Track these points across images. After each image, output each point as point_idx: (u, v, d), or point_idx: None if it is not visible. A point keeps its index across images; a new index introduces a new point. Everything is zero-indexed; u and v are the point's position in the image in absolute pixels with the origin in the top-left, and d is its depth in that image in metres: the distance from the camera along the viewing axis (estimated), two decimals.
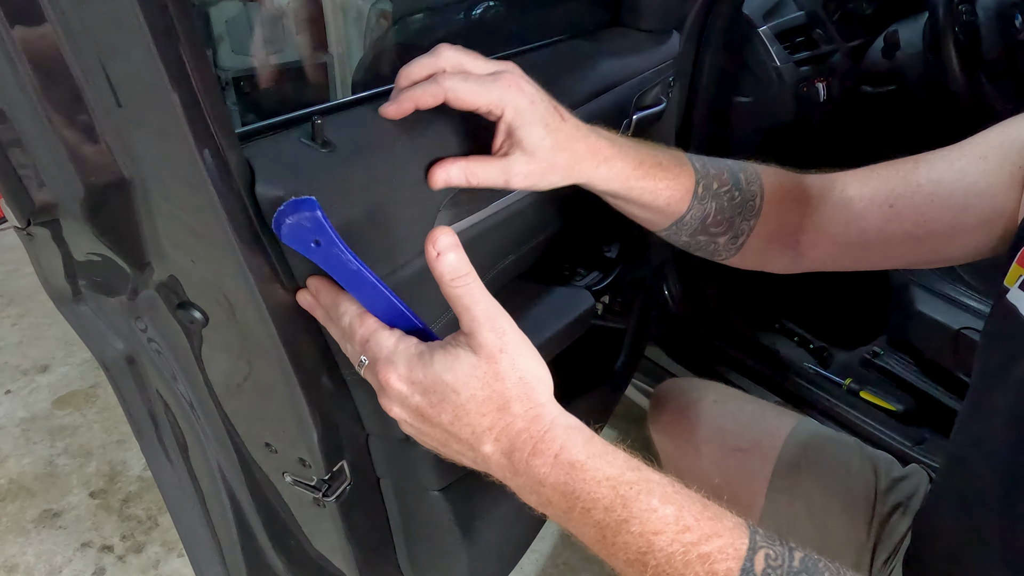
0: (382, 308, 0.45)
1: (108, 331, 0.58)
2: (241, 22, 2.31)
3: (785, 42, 1.20)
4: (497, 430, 0.42)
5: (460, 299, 0.42)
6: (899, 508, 0.74)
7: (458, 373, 0.42)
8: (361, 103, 0.58)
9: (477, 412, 0.42)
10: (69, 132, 0.41)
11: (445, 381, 0.42)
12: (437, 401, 0.42)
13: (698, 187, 0.63)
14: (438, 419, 0.43)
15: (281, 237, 0.42)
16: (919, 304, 1.23)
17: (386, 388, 0.43)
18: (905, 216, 0.61)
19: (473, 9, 0.98)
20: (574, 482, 0.40)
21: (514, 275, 0.78)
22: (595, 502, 0.40)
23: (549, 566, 1.38)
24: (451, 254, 0.42)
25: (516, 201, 0.65)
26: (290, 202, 0.42)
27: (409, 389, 0.43)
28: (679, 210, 0.63)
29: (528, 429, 0.42)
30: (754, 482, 0.81)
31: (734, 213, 0.65)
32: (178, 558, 1.37)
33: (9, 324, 2.04)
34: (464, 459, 0.45)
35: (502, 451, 0.42)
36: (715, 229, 0.65)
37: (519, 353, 0.43)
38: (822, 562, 0.39)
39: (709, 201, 0.64)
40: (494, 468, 0.43)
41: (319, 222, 0.41)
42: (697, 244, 0.68)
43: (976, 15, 1.25)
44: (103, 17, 0.37)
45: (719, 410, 0.89)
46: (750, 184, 0.65)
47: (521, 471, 0.42)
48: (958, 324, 1.18)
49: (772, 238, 0.67)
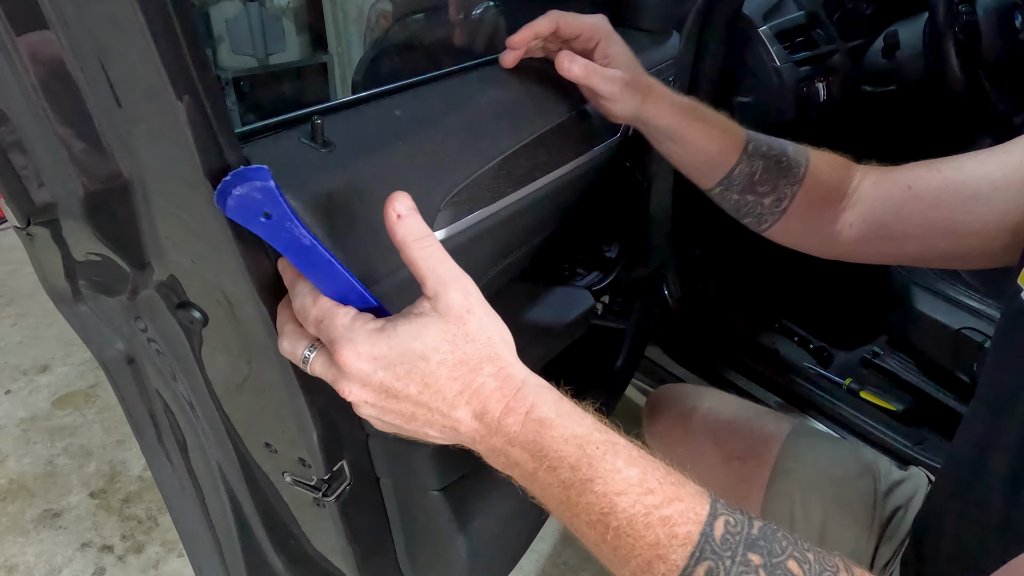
0: (336, 288, 0.42)
1: (108, 331, 0.58)
2: (241, 22, 2.31)
3: (785, 42, 1.20)
4: (469, 392, 0.41)
5: (425, 260, 0.41)
6: (899, 511, 0.74)
7: (426, 339, 0.40)
8: (361, 103, 0.58)
9: (448, 377, 0.41)
10: (69, 132, 0.41)
11: (412, 349, 0.40)
12: (404, 373, 0.40)
13: (748, 145, 0.69)
14: (405, 392, 0.41)
15: (226, 210, 0.39)
16: (919, 304, 1.23)
17: (345, 369, 0.41)
18: (921, 197, 0.63)
19: (473, 9, 0.98)
20: (542, 439, 0.40)
21: (514, 275, 0.78)
22: (561, 460, 0.40)
23: (549, 566, 1.38)
24: (413, 216, 0.41)
25: (516, 201, 0.65)
26: (238, 171, 0.39)
27: (371, 366, 0.41)
28: (729, 161, 0.69)
29: (501, 388, 0.41)
30: (751, 489, 0.81)
31: (779, 176, 0.69)
32: (178, 558, 1.37)
33: (9, 324, 2.04)
34: (430, 430, 0.43)
35: (474, 413, 0.41)
36: (761, 188, 0.69)
37: (486, 312, 0.42)
38: (780, 531, 0.39)
39: (758, 160, 0.69)
40: (464, 432, 0.42)
41: (271, 192, 0.38)
42: (745, 205, 0.72)
43: (976, 15, 1.25)
44: (103, 17, 0.37)
45: (714, 417, 0.88)
46: (797, 154, 0.70)
47: (493, 431, 0.41)
48: (958, 324, 1.18)
49: (813, 206, 0.69)
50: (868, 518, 0.75)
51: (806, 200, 0.69)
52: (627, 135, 0.83)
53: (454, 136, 0.59)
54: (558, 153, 0.69)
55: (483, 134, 0.61)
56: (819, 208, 0.70)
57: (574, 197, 0.81)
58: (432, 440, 0.44)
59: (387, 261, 0.53)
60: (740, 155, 0.69)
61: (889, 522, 0.74)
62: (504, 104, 0.66)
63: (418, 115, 0.59)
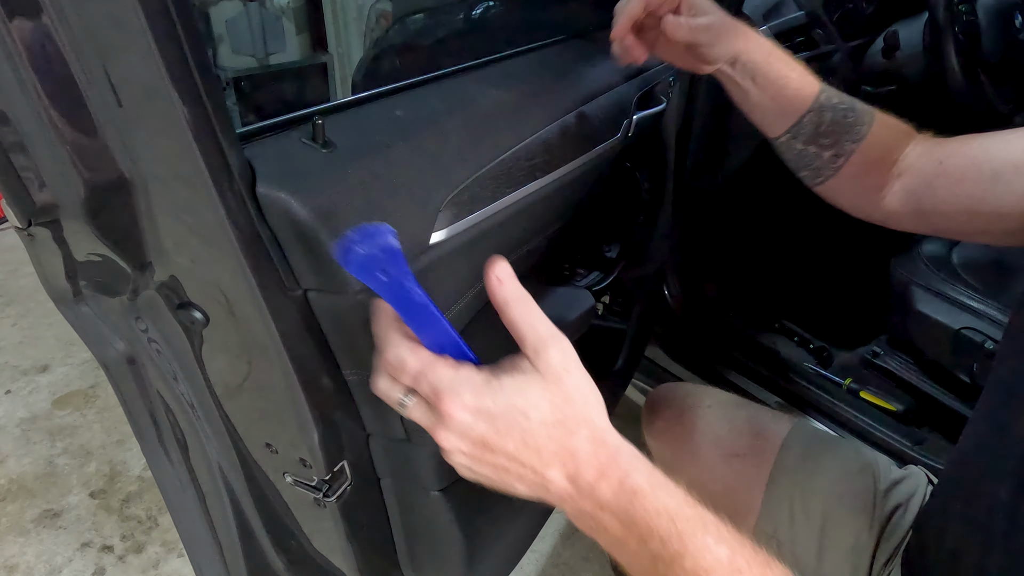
0: (437, 341, 0.43)
1: (108, 331, 0.58)
2: (241, 22, 2.31)
3: (785, 42, 1.20)
4: (564, 454, 0.41)
5: (525, 319, 0.42)
6: (899, 509, 0.74)
7: (529, 396, 0.41)
8: (361, 103, 0.58)
9: (546, 436, 0.41)
10: (70, 133, 0.41)
11: (515, 405, 0.41)
12: (504, 427, 0.41)
13: (821, 94, 0.71)
14: (502, 446, 0.41)
15: (345, 264, 0.40)
16: (919, 304, 1.23)
17: (448, 419, 0.41)
18: (949, 172, 0.64)
19: (473, 9, 0.98)
20: (634, 509, 0.40)
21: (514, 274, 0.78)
22: (652, 532, 0.40)
23: (549, 566, 1.38)
24: (511, 281, 0.43)
25: (516, 201, 0.65)
26: (362, 228, 0.40)
27: (474, 418, 0.41)
28: (802, 107, 0.71)
29: (595, 453, 0.41)
30: (751, 487, 0.81)
31: (842, 131, 0.71)
32: (178, 558, 1.37)
33: (9, 324, 2.04)
34: (520, 485, 0.43)
35: (567, 475, 0.42)
36: (824, 140, 0.71)
37: (582, 373, 0.43)
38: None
39: (827, 111, 0.71)
40: (553, 491, 0.42)
41: (395, 253, 0.40)
42: (806, 156, 0.73)
43: (976, 15, 1.25)
44: (103, 17, 0.37)
45: (714, 415, 0.88)
46: (862, 113, 0.71)
47: (584, 494, 0.41)
48: (958, 324, 1.18)
49: (866, 167, 0.71)
50: (868, 516, 0.75)
51: (860, 161, 0.71)
52: (627, 135, 0.83)
53: (454, 136, 0.59)
54: (558, 153, 0.69)
55: (483, 134, 0.61)
56: (870, 171, 0.71)
57: (574, 197, 0.81)
58: (518, 494, 0.44)
59: None
60: (812, 102, 0.70)
61: (889, 520, 0.74)
62: (504, 104, 0.66)
63: (418, 115, 0.59)
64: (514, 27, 1.00)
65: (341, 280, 0.49)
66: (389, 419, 0.60)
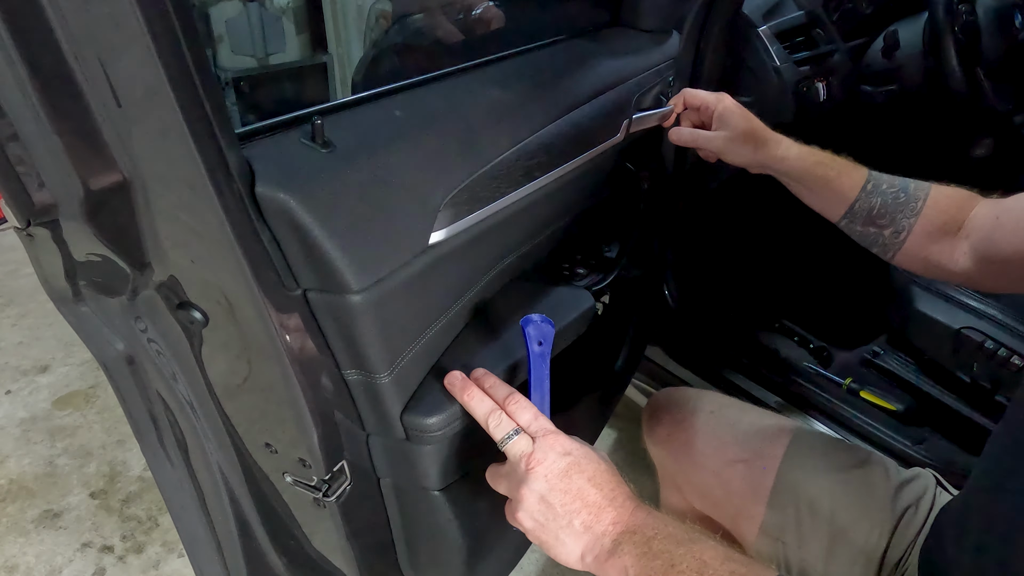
0: (540, 400, 0.61)
1: (108, 332, 0.58)
2: (241, 22, 2.30)
3: (785, 42, 1.20)
4: (620, 497, 0.54)
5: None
6: (910, 509, 0.74)
7: (598, 465, 0.55)
8: (361, 103, 0.58)
9: (605, 480, 0.54)
10: (69, 133, 0.41)
11: (591, 457, 0.55)
12: (584, 459, 0.55)
13: (868, 184, 0.77)
14: (579, 476, 0.54)
15: (525, 330, 0.62)
16: (919, 304, 1.23)
17: (551, 449, 0.55)
18: (1005, 225, 0.68)
19: (473, 9, 0.98)
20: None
21: (515, 275, 0.78)
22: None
23: (549, 566, 1.38)
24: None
25: (516, 201, 0.65)
26: (542, 316, 0.63)
27: (564, 455, 0.54)
28: (850, 197, 0.78)
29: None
30: (756, 492, 0.80)
31: (896, 210, 0.76)
32: (178, 558, 1.37)
33: (9, 324, 2.04)
34: (576, 519, 0.53)
35: (614, 517, 0.53)
36: (881, 221, 0.77)
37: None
38: None
39: (876, 196, 0.77)
40: (605, 518, 0.52)
41: (551, 336, 0.63)
42: (868, 235, 0.79)
43: (976, 15, 1.25)
44: (103, 17, 0.37)
45: (716, 420, 0.88)
46: (917, 189, 0.77)
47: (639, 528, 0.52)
48: (958, 324, 1.18)
49: (932, 238, 0.75)
50: (878, 517, 0.75)
51: (922, 232, 0.75)
52: (627, 135, 0.83)
53: (454, 136, 0.59)
54: (558, 153, 0.69)
55: (483, 134, 0.61)
56: (935, 239, 0.75)
57: (574, 197, 0.81)
58: (574, 530, 0.53)
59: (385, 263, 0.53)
60: (859, 192, 0.77)
61: (900, 520, 0.74)
62: (504, 104, 0.66)
63: (418, 115, 0.59)
64: (514, 27, 1.00)
65: (341, 280, 0.49)
66: (389, 419, 0.60)
